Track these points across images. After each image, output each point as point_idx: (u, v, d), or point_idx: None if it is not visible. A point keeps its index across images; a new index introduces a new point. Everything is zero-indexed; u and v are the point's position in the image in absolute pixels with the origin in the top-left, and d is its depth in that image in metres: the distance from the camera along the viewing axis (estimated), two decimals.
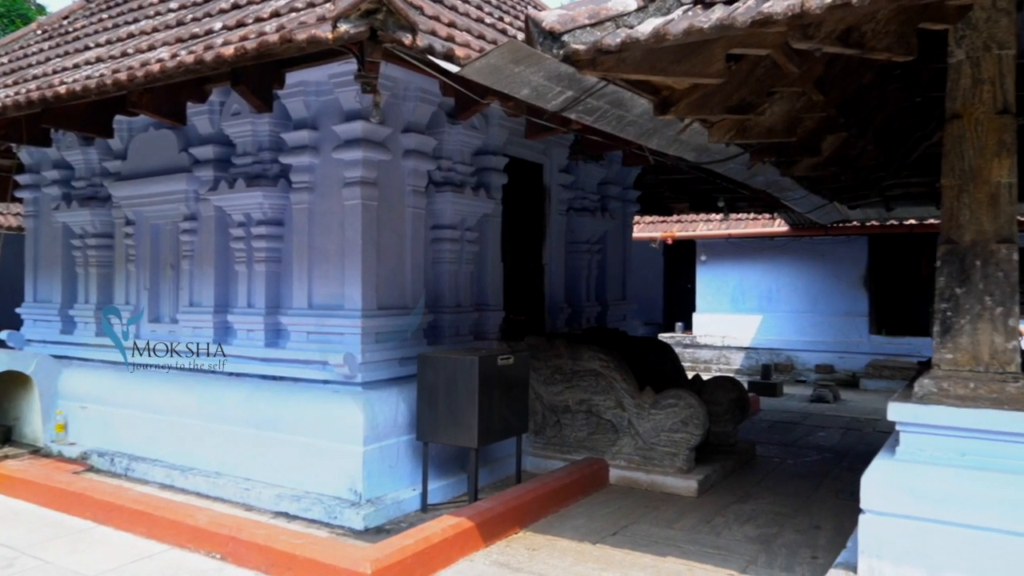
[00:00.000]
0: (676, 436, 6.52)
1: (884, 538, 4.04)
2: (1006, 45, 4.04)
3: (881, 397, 4.96)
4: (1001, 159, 4.05)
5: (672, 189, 11.23)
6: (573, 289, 9.10)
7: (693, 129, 5.56)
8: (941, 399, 4.08)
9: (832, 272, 14.45)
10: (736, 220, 14.99)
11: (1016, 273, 4.05)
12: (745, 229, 14.82)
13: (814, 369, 14.38)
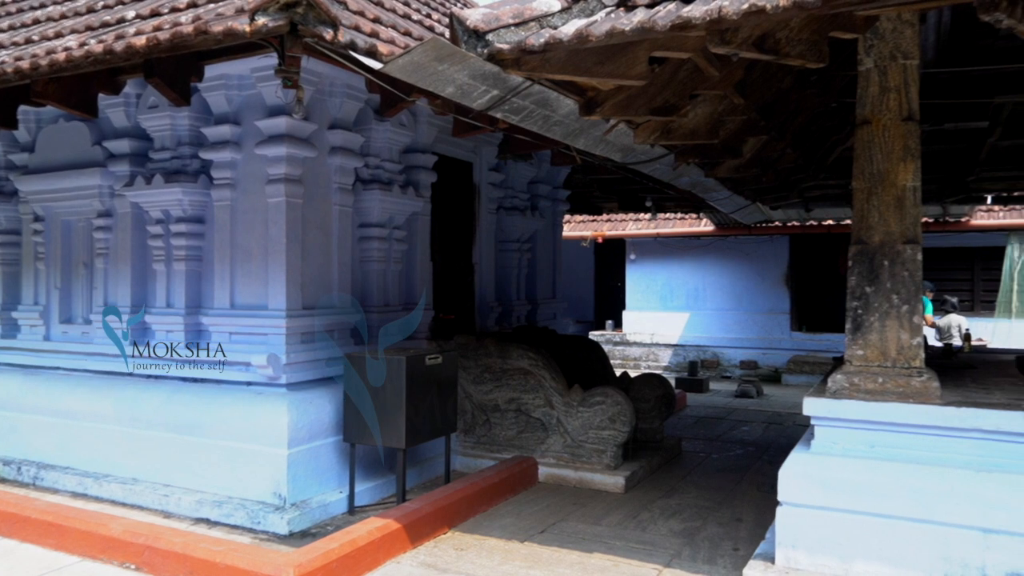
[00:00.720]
0: (604, 433, 6.59)
1: (800, 529, 4.18)
2: (910, 55, 4.24)
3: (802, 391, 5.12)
4: (906, 164, 4.24)
5: (601, 189, 11.36)
6: (503, 288, 9.12)
7: (619, 130, 5.64)
8: (852, 394, 4.25)
9: (756, 271, 14.88)
10: (664, 220, 15.29)
11: (920, 272, 4.24)
12: (673, 229, 15.13)
13: (739, 365, 14.78)
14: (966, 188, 9.03)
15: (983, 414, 3.88)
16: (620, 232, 15.80)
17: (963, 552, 3.82)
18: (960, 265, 13.82)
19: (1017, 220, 12.74)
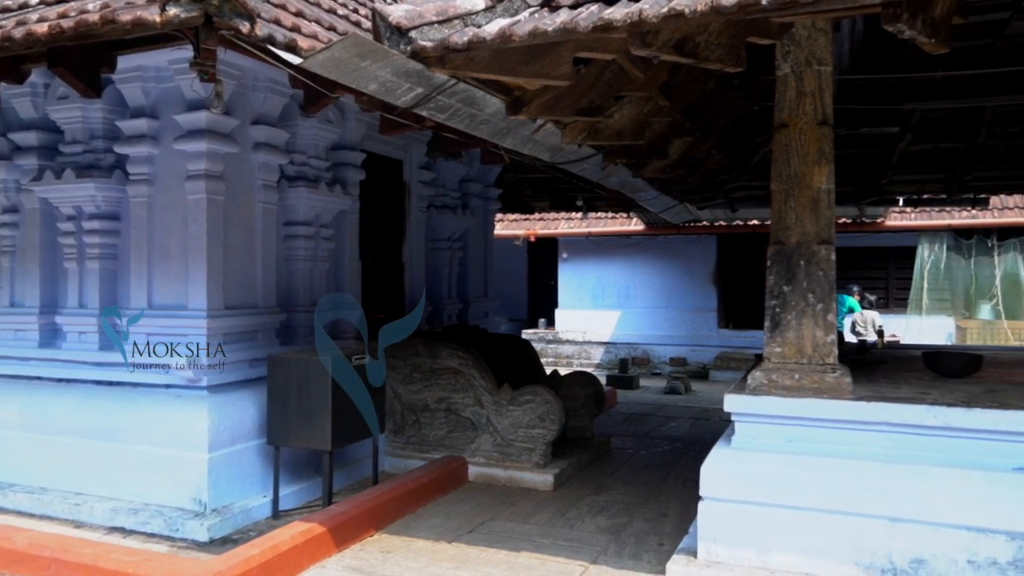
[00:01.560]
0: (533, 432, 6.62)
1: (720, 523, 4.28)
2: (824, 62, 4.37)
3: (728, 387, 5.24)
4: (821, 167, 4.38)
5: (533, 188, 11.41)
6: (434, 286, 9.05)
7: (547, 130, 5.66)
8: (770, 390, 4.37)
9: (685, 269, 15.19)
10: (596, 219, 15.45)
11: (834, 272, 4.38)
12: (604, 228, 15.32)
13: (669, 362, 15.06)
14: (880, 190, 9.40)
15: (890, 408, 4.04)
16: (552, 231, 15.91)
17: (872, 540, 3.97)
18: (876, 264, 14.41)
19: (928, 221, 13.35)
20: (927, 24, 3.10)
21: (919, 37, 3.08)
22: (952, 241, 13.65)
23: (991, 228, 13.29)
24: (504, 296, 19.15)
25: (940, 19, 3.24)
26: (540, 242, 16.98)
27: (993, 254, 13.42)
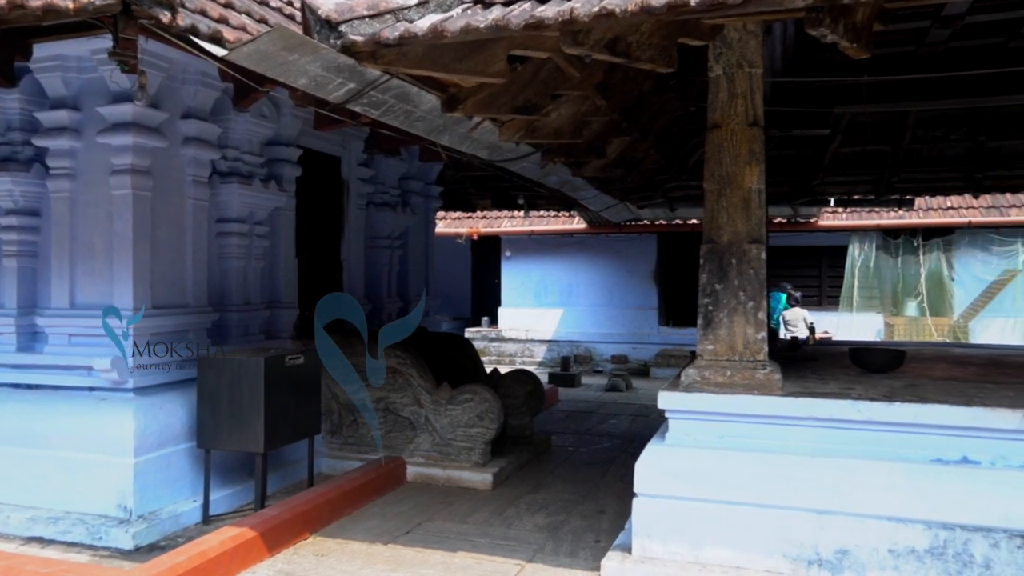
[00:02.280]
0: (472, 431, 6.59)
1: (654, 519, 4.32)
2: (755, 64, 4.45)
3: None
4: (752, 167, 4.45)
5: (475, 186, 11.37)
6: (374, 285, 8.95)
7: (485, 127, 5.64)
8: (703, 387, 4.43)
9: (626, 268, 15.35)
10: (539, 217, 15.50)
11: (764, 270, 4.47)
12: (547, 226, 15.38)
13: (610, 359, 15.21)
14: (812, 191, 9.66)
15: (817, 403, 4.14)
16: (495, 229, 15.90)
17: (800, 533, 4.06)
18: (809, 262, 14.81)
19: (858, 221, 13.78)
20: (849, 29, 3.18)
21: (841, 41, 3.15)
22: (881, 241, 14.12)
23: (917, 228, 13.80)
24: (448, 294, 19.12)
25: (861, 25, 3.33)
26: (484, 240, 16.96)
27: (919, 253, 13.93)
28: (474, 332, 16.56)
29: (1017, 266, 13.42)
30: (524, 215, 14.38)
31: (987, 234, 13.57)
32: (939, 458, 4.00)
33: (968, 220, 13.15)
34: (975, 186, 9.16)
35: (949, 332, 13.50)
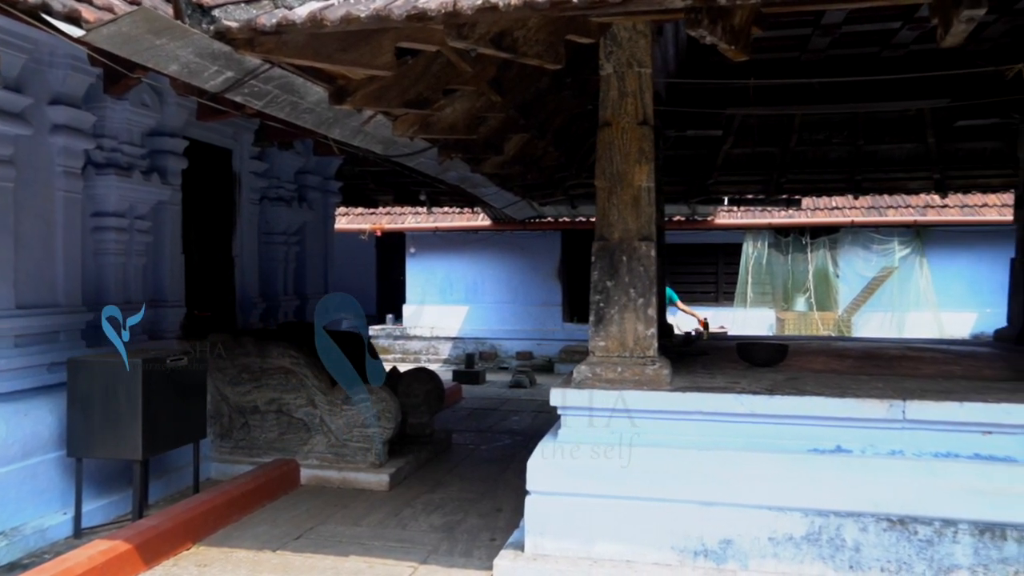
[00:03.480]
0: (369, 431, 6.45)
1: (546, 516, 4.32)
2: (644, 64, 4.50)
3: None
4: (642, 165, 4.51)
5: (376, 181, 11.16)
6: (269, 282, 8.65)
7: (378, 121, 5.51)
8: (594, 383, 4.46)
9: (531, 265, 15.43)
10: (443, 214, 15.39)
11: (654, 268, 4.54)
12: (451, 223, 15.29)
13: (515, 356, 15.26)
14: (707, 190, 9.96)
15: (703, 398, 4.24)
16: (399, 225, 15.69)
17: (687, 525, 4.14)
18: (706, 260, 15.29)
19: (752, 220, 14.31)
20: (727, 31, 3.25)
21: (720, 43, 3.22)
22: (773, 239, 14.72)
23: (805, 227, 14.45)
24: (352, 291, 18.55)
25: (740, 28, 3.41)
26: (389, 237, 16.71)
27: (807, 251, 14.60)
28: (378, 330, 16.30)
29: (894, 263, 14.26)
30: (427, 211, 14.25)
31: (868, 233, 14.36)
32: (815, 448, 4.16)
33: (851, 220, 13.87)
34: (855, 187, 9.65)
35: (834, 326, 14.21)
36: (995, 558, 3.82)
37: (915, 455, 4.07)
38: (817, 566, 4.00)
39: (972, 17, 2.90)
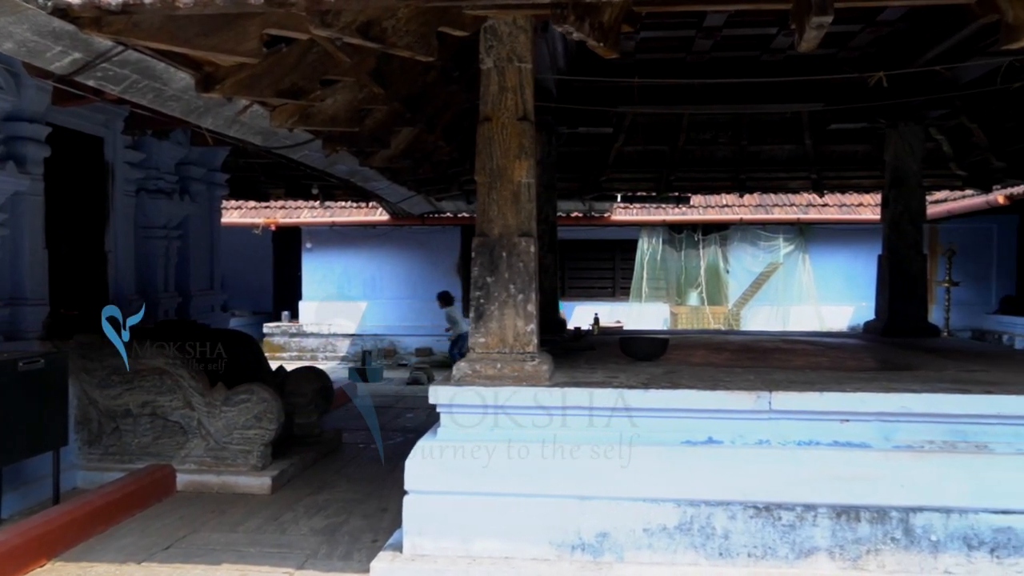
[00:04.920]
0: (250, 433, 6.22)
1: (425, 516, 4.26)
2: (524, 59, 4.48)
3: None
4: (521, 161, 4.49)
5: (267, 174, 10.80)
6: (147, 279, 8.22)
7: (255, 111, 5.31)
8: (474, 380, 4.42)
9: (430, 260, 15.30)
10: (341, 208, 15.06)
11: (534, 264, 4.54)
12: (349, 217, 14.98)
13: (415, 353, 15.11)
14: (600, 187, 10.11)
15: (581, 393, 4.27)
16: (295, 220, 15.26)
17: (564, 519, 4.16)
18: (604, 255, 15.57)
19: (647, 217, 14.65)
20: (595, 28, 3.26)
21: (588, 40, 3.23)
22: (667, 235, 15.13)
23: (697, 224, 14.93)
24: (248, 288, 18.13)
25: (608, 25, 3.44)
26: (286, 231, 16.22)
27: (699, 247, 15.09)
28: (273, 327, 15.83)
29: (779, 259, 14.92)
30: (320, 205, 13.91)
31: (756, 230, 14.96)
32: (688, 440, 4.26)
33: (740, 217, 14.42)
34: (740, 186, 10.01)
35: (724, 320, 14.75)
36: (850, 539, 4.01)
37: (780, 444, 4.23)
38: (689, 555, 4.10)
39: (821, 24, 3.02)
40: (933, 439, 4.17)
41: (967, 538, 3.94)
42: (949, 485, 3.97)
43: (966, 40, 6.07)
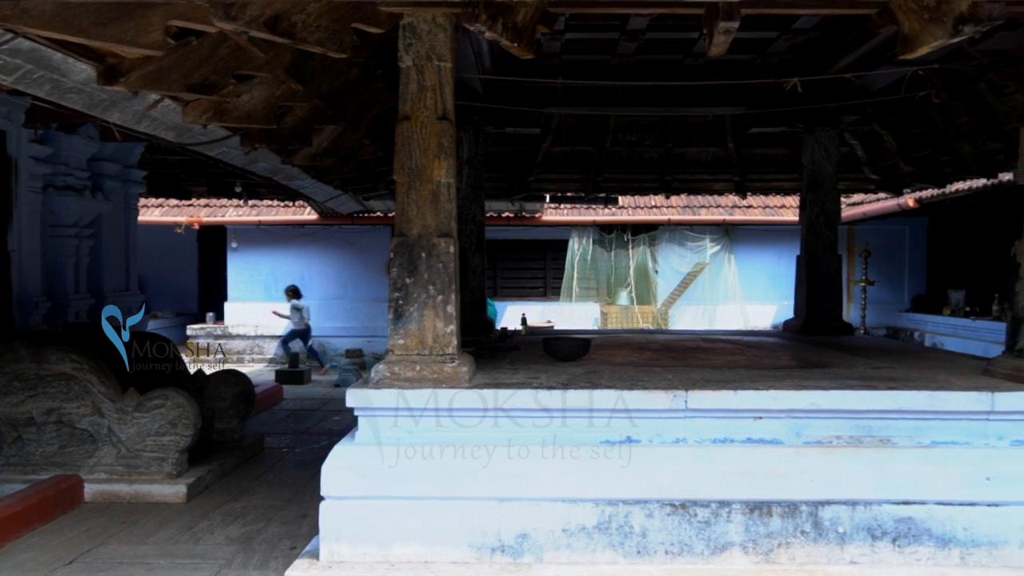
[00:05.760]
0: (164, 439, 5.99)
1: (342, 521, 4.18)
2: (444, 58, 4.43)
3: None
4: (441, 161, 4.45)
5: (187, 171, 10.46)
6: (56, 280, 7.87)
7: (166, 106, 5.13)
8: (392, 382, 4.36)
9: (360, 260, 15.09)
10: (268, 207, 14.72)
11: (453, 264, 4.50)
12: (276, 216, 14.64)
13: (345, 354, 14.86)
14: (528, 187, 10.13)
15: (500, 394, 4.25)
16: (219, 219, 14.82)
17: (484, 522, 4.14)
18: (535, 256, 15.63)
19: (577, 217, 14.78)
20: (509, 28, 3.25)
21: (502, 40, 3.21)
22: (597, 235, 15.29)
23: (627, 224, 15.13)
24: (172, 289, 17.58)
25: (523, 25, 3.42)
26: (211, 231, 15.76)
27: (628, 248, 15.29)
28: (198, 329, 15.34)
29: (706, 259, 15.25)
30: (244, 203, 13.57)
31: (684, 231, 15.25)
32: (607, 439, 4.28)
33: (668, 218, 14.67)
34: (666, 187, 10.17)
35: (653, 319, 14.99)
36: (763, 533, 4.11)
37: (696, 442, 4.30)
38: (608, 553, 4.13)
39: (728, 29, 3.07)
40: (841, 434, 4.30)
41: (871, 529, 4.08)
42: (855, 479, 4.11)
43: (875, 50, 6.29)
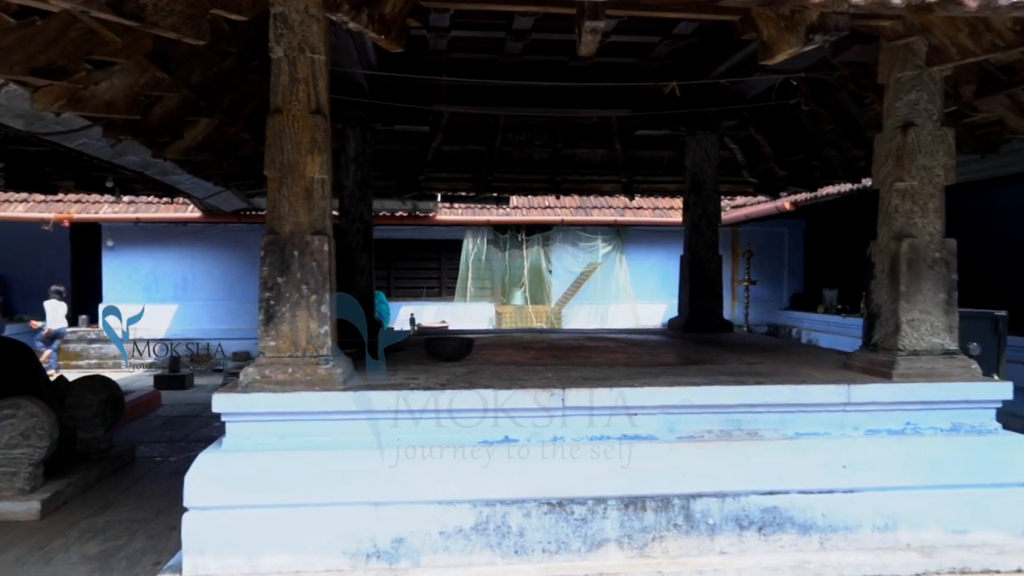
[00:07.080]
0: (15, 452, 5.56)
1: (207, 533, 3.96)
2: (317, 50, 4.27)
3: None
4: (314, 156, 4.29)
5: (52, 164, 9.76)
6: None
7: (13, 91, 4.75)
8: (263, 386, 4.18)
9: (248, 259, 14.56)
10: (147, 203, 13.97)
11: (327, 263, 4.35)
12: (156, 214, 13.93)
13: (232, 357, 14.32)
14: (419, 186, 10.00)
15: (372, 396, 4.15)
16: (93, 215, 13.97)
17: (358, 528, 4.02)
18: (430, 255, 15.51)
19: (472, 217, 14.76)
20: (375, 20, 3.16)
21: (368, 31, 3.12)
22: (491, 235, 15.32)
23: (521, 225, 15.23)
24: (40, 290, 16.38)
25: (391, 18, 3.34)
26: (84, 228, 14.80)
27: (523, 248, 15.39)
28: (69, 332, 14.40)
29: (598, 259, 15.54)
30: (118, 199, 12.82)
31: (577, 231, 15.49)
32: (485, 439, 4.25)
33: (561, 218, 14.86)
34: (556, 188, 10.26)
35: (547, 319, 15.15)
36: (637, 528, 4.17)
37: (574, 440, 4.32)
38: (485, 555, 4.09)
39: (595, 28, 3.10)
40: (712, 428, 4.42)
41: (739, 519, 4.22)
42: (724, 471, 4.23)
43: (750, 57, 6.53)
